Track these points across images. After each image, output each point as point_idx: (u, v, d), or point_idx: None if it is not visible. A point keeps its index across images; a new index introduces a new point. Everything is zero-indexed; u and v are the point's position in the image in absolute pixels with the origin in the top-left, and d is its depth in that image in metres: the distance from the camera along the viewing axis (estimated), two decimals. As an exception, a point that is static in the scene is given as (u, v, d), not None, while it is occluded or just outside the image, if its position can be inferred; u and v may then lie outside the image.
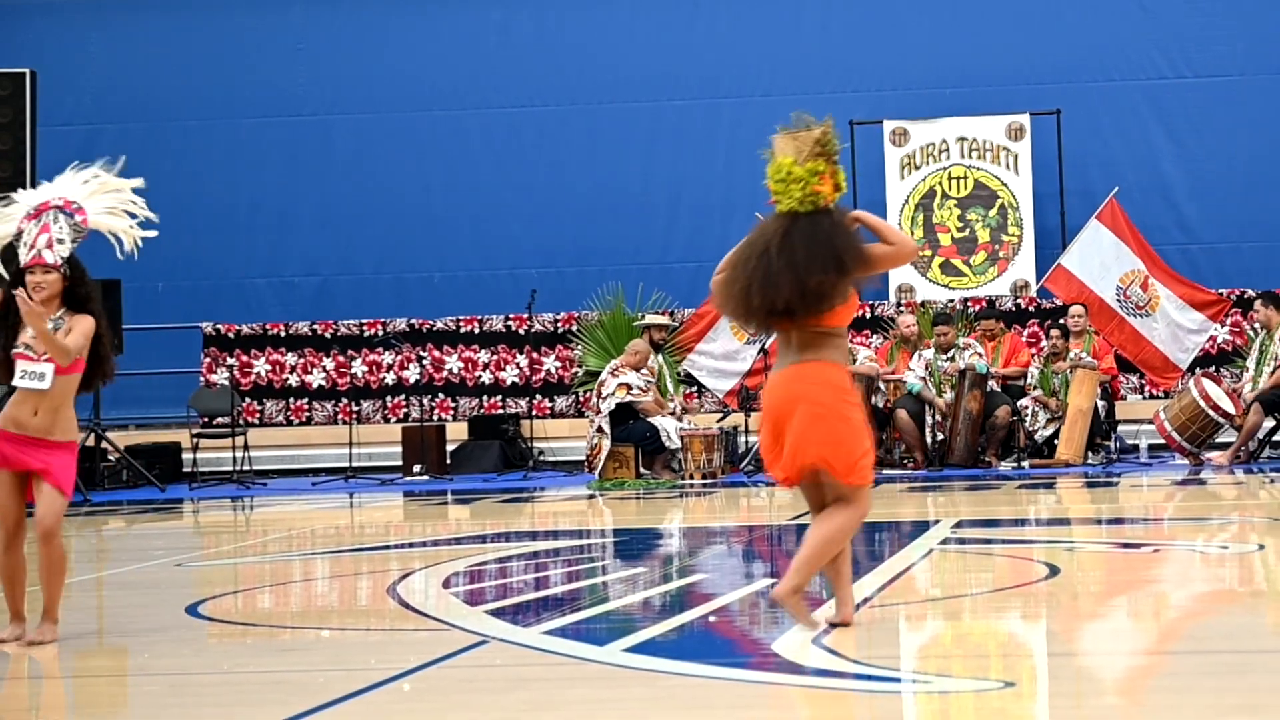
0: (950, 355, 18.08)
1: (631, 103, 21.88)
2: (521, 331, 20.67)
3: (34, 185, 10.04)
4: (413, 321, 20.90)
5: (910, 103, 21.46)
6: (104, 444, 18.95)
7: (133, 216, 8.20)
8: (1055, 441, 17.87)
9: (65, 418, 7.82)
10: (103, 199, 8.10)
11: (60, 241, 7.79)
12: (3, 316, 7.78)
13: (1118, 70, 21.65)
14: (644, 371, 18.15)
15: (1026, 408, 18.07)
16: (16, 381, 7.67)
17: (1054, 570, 9.47)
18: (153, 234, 8.26)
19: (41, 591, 7.67)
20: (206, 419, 20.14)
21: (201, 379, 20.89)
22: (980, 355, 18.07)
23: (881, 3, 22.21)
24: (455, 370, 20.79)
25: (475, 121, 22.58)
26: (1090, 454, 17.79)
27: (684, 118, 21.77)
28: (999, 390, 18.17)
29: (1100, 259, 19.69)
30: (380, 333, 20.75)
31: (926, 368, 18.13)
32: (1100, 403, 18.10)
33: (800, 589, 7.20)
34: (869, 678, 6.45)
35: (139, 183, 8.29)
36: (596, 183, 21.75)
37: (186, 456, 19.88)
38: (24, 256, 7.75)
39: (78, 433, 7.97)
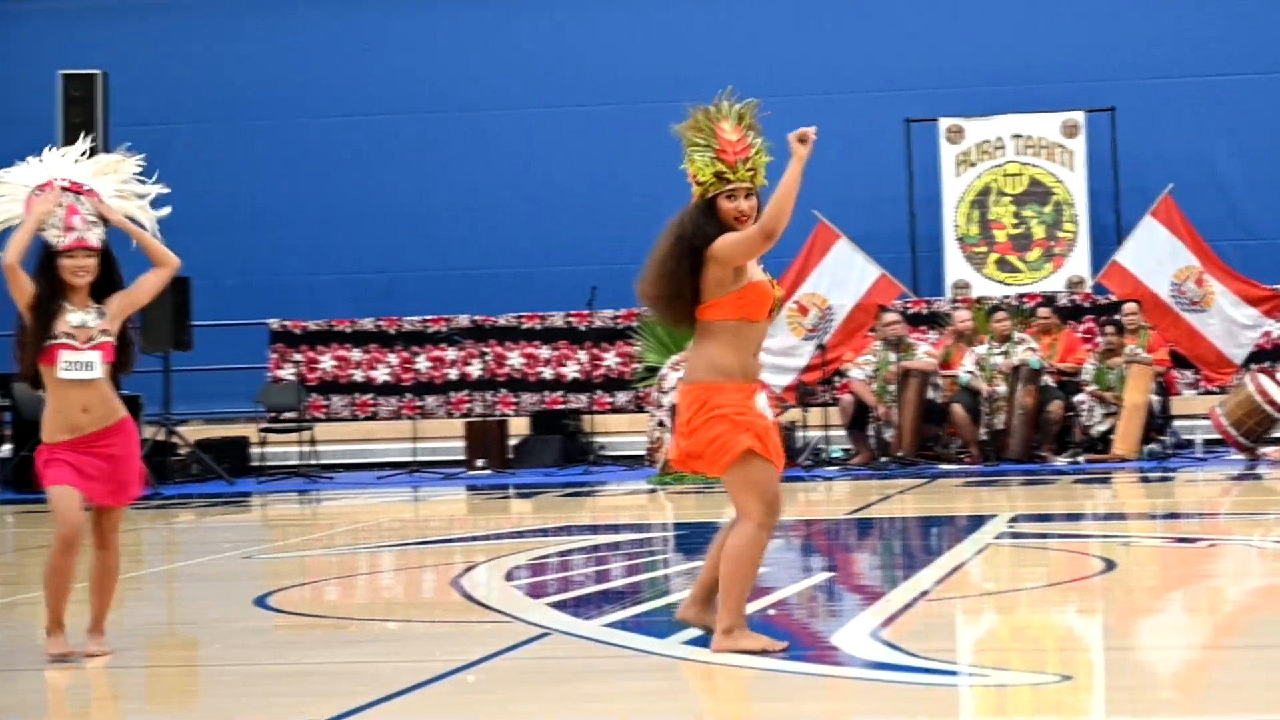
0: (1005, 349, 18.02)
1: (690, 100, 21.84)
2: (582, 328, 20.69)
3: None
4: (475, 318, 20.94)
5: (966, 100, 21.37)
6: (174, 438, 19.04)
7: (139, 196, 7.69)
8: (1111, 437, 17.77)
9: (115, 399, 7.30)
10: (108, 181, 7.59)
11: (94, 224, 7.34)
12: (40, 308, 7.20)
13: (1173, 67, 21.52)
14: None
15: (1083, 403, 17.98)
16: (64, 374, 7.16)
17: (1110, 565, 9.41)
18: (165, 211, 7.73)
19: (92, 602, 7.31)
20: (274, 414, 20.24)
21: (269, 374, 20.98)
22: (1033, 350, 18.00)
23: (937, 1, 22.14)
24: (517, 366, 20.83)
25: (537, 120, 22.61)
26: (1145, 449, 17.68)
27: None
28: (1053, 385, 18.09)
29: (1155, 255, 19.59)
30: (444, 329, 20.80)
31: (978, 363, 18.08)
32: (1155, 398, 18.00)
33: (732, 628, 6.70)
34: (927, 671, 6.42)
35: (136, 161, 7.78)
36: (657, 180, 21.62)
37: (254, 451, 19.98)
38: (61, 239, 7.23)
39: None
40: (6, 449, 19.19)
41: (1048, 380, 18.03)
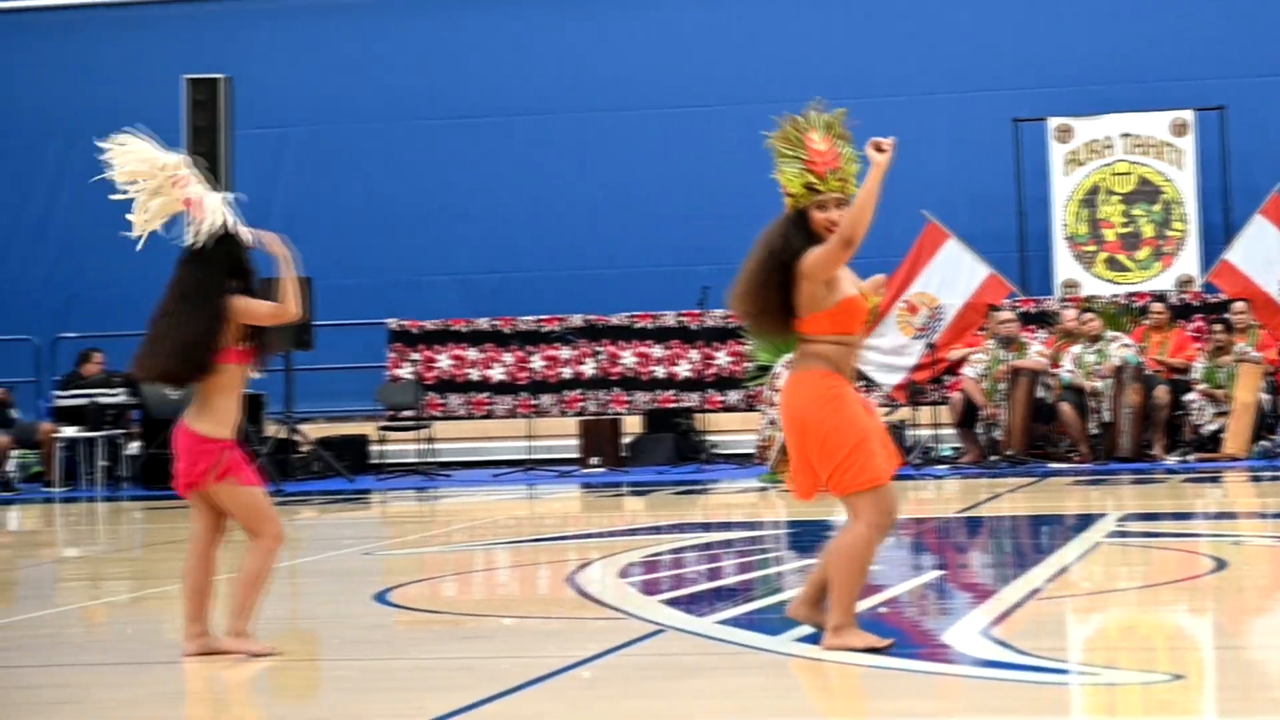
0: (1098, 348, 17.89)
1: (799, 103, 21.76)
2: (694, 327, 20.69)
3: (229, 189, 9.96)
4: (589, 317, 20.99)
5: (1074, 99, 21.20)
6: (296, 436, 19.22)
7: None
8: (1221, 436, 17.58)
9: None
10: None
11: None
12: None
13: (1283, 65, 21.27)
14: (813, 366, 18.06)
15: (1193, 402, 17.79)
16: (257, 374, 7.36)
17: (1221, 564, 9.32)
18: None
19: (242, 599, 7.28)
20: (392, 412, 20.38)
21: (387, 374, 21.13)
22: (1128, 346, 17.86)
23: (1046, 0, 21.98)
24: (630, 365, 20.86)
25: (646, 121, 22.64)
26: (1256, 447, 17.47)
27: (850, 116, 21.59)
28: (1155, 374, 17.93)
29: (1265, 254, 19.34)
30: (557, 328, 20.87)
31: (1074, 362, 17.96)
32: (1265, 396, 17.79)
33: (842, 626, 6.61)
34: (1037, 669, 6.38)
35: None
36: (766, 180, 21.68)
37: (374, 449, 20.13)
38: (247, 236, 7.27)
39: None
40: (135, 446, 19.44)
41: (1147, 372, 17.86)
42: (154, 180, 7.22)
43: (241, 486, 7.13)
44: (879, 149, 6.68)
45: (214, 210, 7.16)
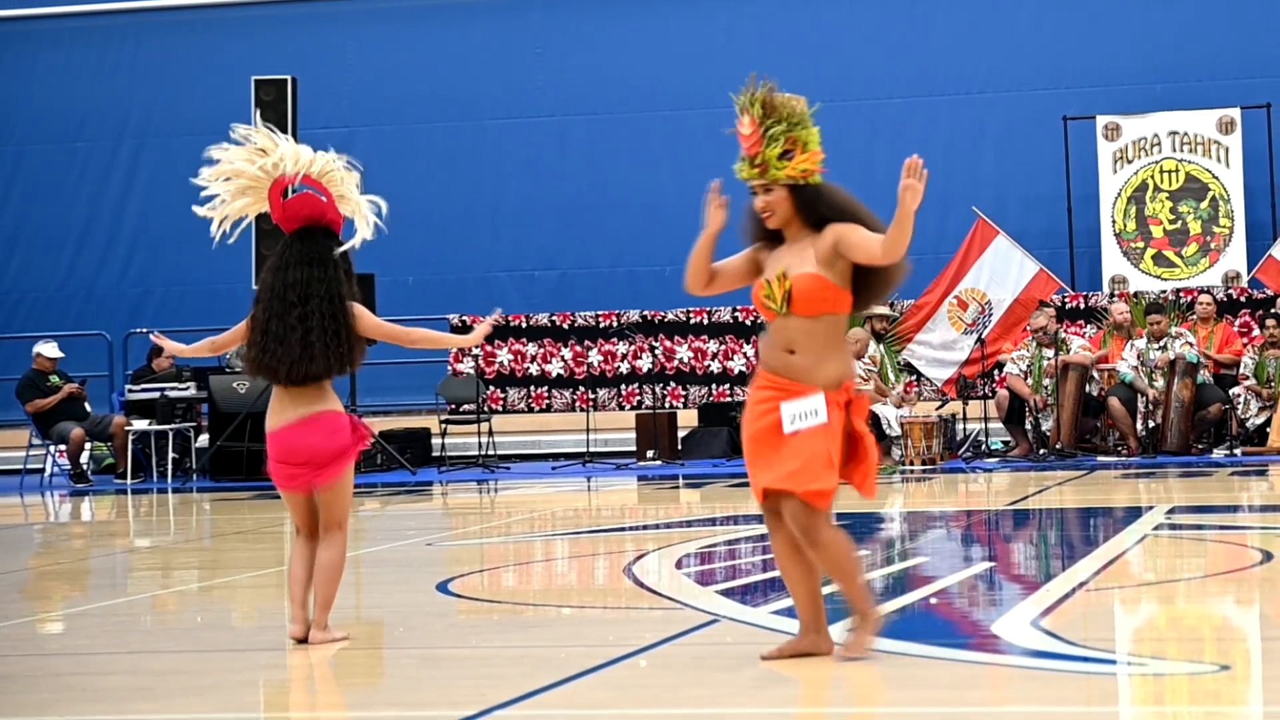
0: (1162, 344, 17.76)
1: (853, 101, 21.75)
2: (748, 322, 20.66)
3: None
4: (645, 313, 20.98)
5: (1122, 97, 21.10)
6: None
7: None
8: (1267, 429, 17.45)
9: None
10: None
11: None
12: None
13: (1329, 64, 21.12)
14: (865, 360, 18.05)
15: (1239, 396, 17.67)
16: None
17: (1268, 556, 9.26)
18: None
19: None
20: (454, 406, 20.43)
21: (449, 368, 21.17)
22: (1191, 345, 17.72)
23: (1095, 0, 21.88)
24: (686, 359, 20.85)
25: (702, 120, 22.59)
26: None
27: (903, 114, 21.59)
28: (1212, 383, 17.77)
29: (1310, 249, 19.24)
30: (615, 324, 20.87)
31: (1138, 357, 17.83)
32: (1312, 390, 17.66)
33: (862, 631, 6.38)
34: (1086, 659, 6.36)
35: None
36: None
37: (435, 441, 20.18)
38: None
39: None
40: (203, 440, 19.54)
41: (1205, 377, 17.72)
42: (245, 180, 7.34)
43: (349, 474, 7.43)
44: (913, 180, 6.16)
45: (369, 214, 7.44)
